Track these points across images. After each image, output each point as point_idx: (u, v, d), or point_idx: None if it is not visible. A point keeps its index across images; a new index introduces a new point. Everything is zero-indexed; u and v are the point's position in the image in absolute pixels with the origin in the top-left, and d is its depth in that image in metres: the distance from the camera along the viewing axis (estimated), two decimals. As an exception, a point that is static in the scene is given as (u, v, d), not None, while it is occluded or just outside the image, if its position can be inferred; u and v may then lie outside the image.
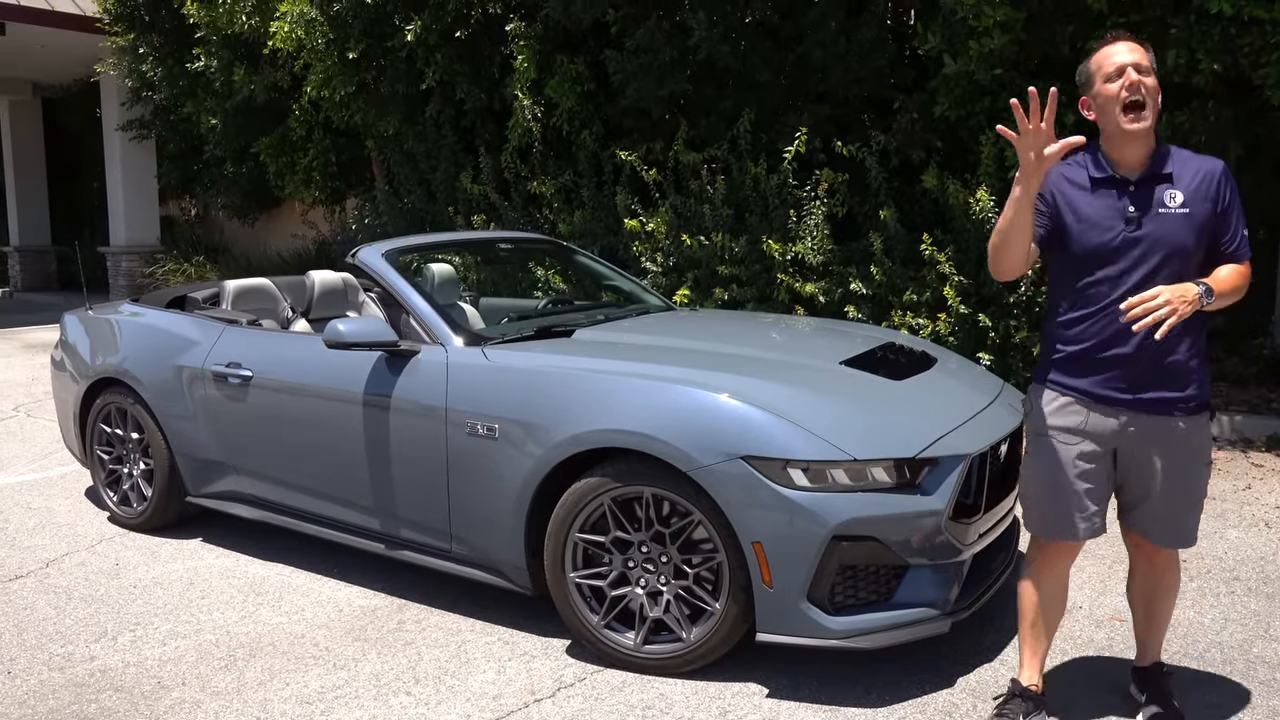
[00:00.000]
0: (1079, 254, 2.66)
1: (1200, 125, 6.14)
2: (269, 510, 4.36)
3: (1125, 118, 2.57)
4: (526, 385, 3.51)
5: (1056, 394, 2.75)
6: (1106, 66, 2.60)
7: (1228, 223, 2.65)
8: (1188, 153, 2.69)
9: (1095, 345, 2.66)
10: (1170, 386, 2.65)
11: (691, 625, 3.25)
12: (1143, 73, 2.57)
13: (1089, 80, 2.67)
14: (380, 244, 4.34)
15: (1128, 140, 2.61)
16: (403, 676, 3.33)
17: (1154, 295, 2.46)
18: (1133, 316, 2.46)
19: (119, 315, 5.08)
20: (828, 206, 7.25)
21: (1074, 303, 2.70)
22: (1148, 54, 2.63)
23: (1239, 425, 6.04)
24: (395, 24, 8.99)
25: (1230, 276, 2.63)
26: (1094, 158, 2.69)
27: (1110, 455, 2.72)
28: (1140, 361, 2.62)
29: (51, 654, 3.56)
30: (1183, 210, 2.59)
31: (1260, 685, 3.17)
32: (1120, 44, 2.63)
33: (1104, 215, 2.63)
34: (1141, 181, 2.62)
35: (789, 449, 3.04)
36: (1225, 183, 2.65)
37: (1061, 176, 2.71)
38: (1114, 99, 2.58)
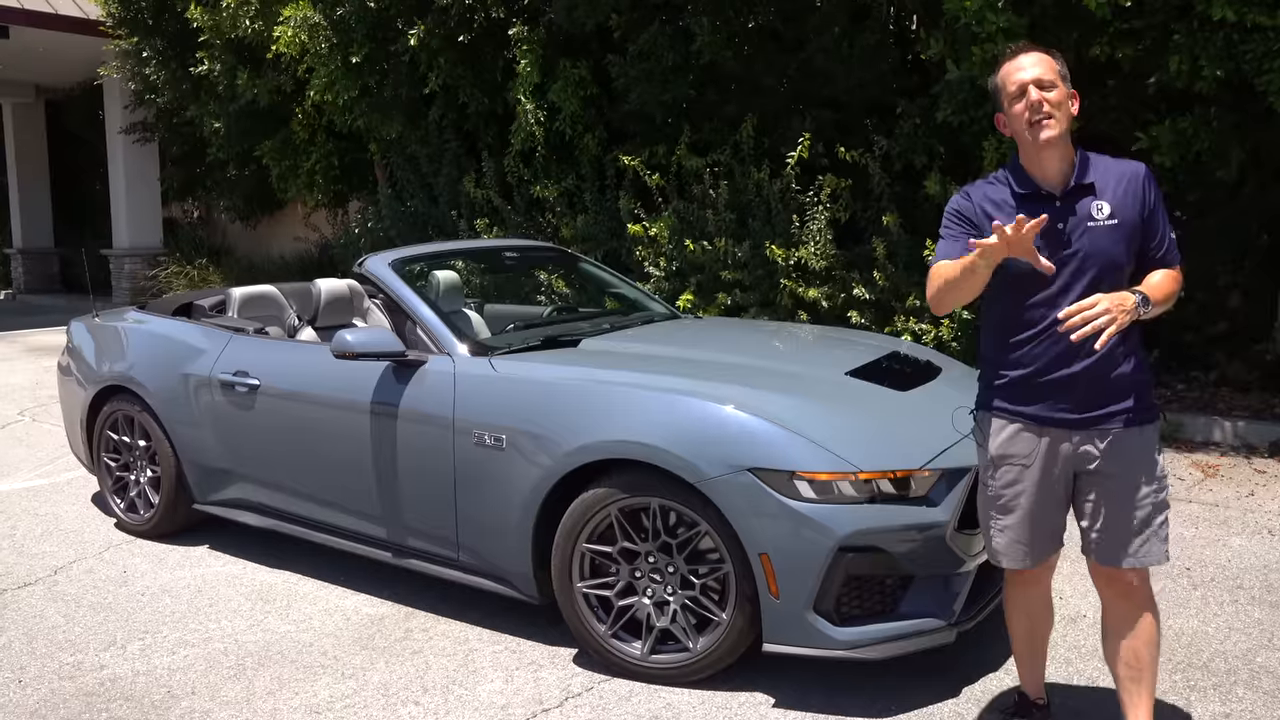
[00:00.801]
0: (1012, 276, 2.54)
1: (1203, 132, 6.15)
2: (276, 518, 4.38)
3: (1031, 129, 2.50)
4: (533, 396, 3.53)
5: (1006, 421, 2.64)
6: (1009, 86, 2.54)
7: (1154, 227, 2.56)
8: (1107, 159, 2.61)
9: (1039, 369, 2.57)
10: (1117, 399, 2.55)
11: (698, 635, 3.27)
12: (1045, 88, 2.49)
13: (998, 98, 2.61)
14: (387, 253, 4.36)
15: (1042, 150, 2.53)
16: (411, 686, 3.35)
17: (1092, 304, 2.38)
18: (1071, 325, 2.37)
19: (126, 323, 5.10)
20: (830, 211, 7.27)
21: (1012, 327, 2.60)
22: (1055, 63, 2.54)
23: (1241, 431, 6.06)
24: (398, 28, 9.02)
25: (1163, 283, 2.55)
26: (1015, 174, 2.61)
27: (1066, 479, 2.62)
28: (1087, 380, 2.53)
29: (61, 663, 3.58)
30: (1111, 222, 2.51)
31: (1265, 695, 3.19)
32: (1023, 57, 2.56)
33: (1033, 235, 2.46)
34: (1066, 195, 2.54)
35: (795, 461, 3.06)
36: (1149, 186, 2.56)
37: (986, 198, 2.63)
38: (1020, 118, 2.52)
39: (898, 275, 6.88)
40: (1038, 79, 2.50)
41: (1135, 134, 6.35)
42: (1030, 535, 2.65)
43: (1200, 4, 5.63)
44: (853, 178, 7.34)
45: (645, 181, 8.13)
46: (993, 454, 2.66)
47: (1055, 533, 2.70)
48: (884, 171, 7.19)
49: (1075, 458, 2.59)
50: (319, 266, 13.06)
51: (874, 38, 7.40)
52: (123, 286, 15.09)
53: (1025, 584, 2.80)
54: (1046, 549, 2.70)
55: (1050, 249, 2.50)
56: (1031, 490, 2.62)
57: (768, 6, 7.74)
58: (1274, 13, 5.50)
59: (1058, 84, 2.51)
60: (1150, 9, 5.95)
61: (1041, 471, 2.61)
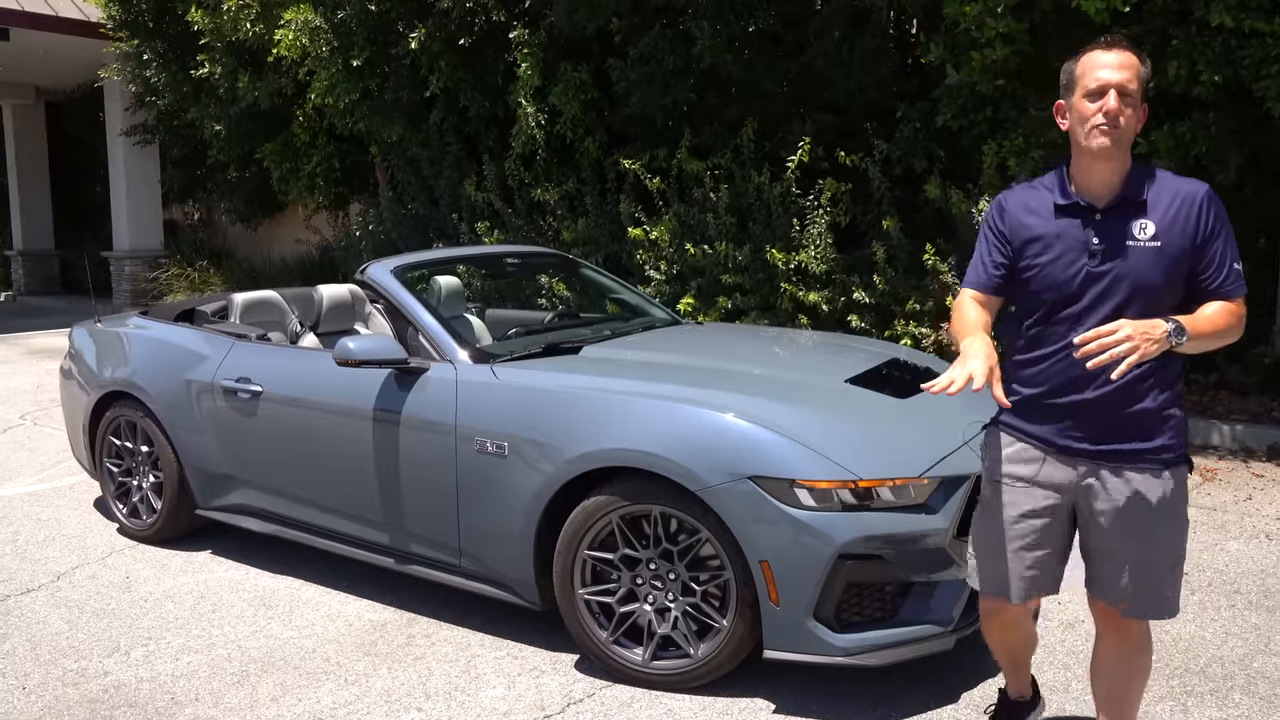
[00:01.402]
0: (1038, 289, 2.41)
1: (1201, 136, 6.17)
2: (278, 524, 4.40)
3: (1092, 135, 2.29)
4: (535, 404, 3.55)
5: (1013, 439, 2.50)
6: (1088, 81, 2.31)
7: (1208, 254, 2.33)
8: (1169, 175, 2.39)
9: (1052, 389, 2.42)
10: (1136, 437, 2.36)
11: (699, 642, 3.29)
12: (1126, 98, 2.28)
13: (1069, 85, 2.38)
14: (389, 260, 4.38)
15: (1096, 159, 2.33)
16: (413, 692, 3.37)
17: (1113, 330, 2.14)
18: (1087, 353, 2.15)
19: (128, 328, 5.12)
20: (831, 215, 7.30)
21: (1030, 342, 2.45)
22: (1141, 69, 2.31)
23: (1240, 435, 6.08)
24: (399, 31, 9.04)
25: (1216, 315, 2.31)
26: (1060, 181, 2.43)
27: (1068, 510, 2.46)
28: (1101, 409, 2.36)
29: (65, 669, 3.60)
30: (1153, 244, 2.30)
31: (1261, 701, 3.21)
32: (1112, 54, 2.30)
33: (1066, 248, 2.37)
34: (1109, 209, 2.35)
35: (796, 469, 3.08)
36: (1207, 209, 2.33)
37: (1024, 207, 2.46)
38: (1087, 120, 2.30)
39: (898, 279, 6.90)
40: (1122, 85, 2.27)
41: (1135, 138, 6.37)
42: (1020, 565, 2.48)
43: (1198, 9, 5.66)
44: (853, 182, 7.37)
45: (646, 185, 8.16)
46: (996, 473, 2.53)
47: (1048, 571, 2.50)
48: (884, 175, 7.21)
49: (1081, 490, 2.43)
50: (320, 269, 13.09)
51: (874, 42, 7.42)
52: (123, 288, 15.12)
53: (1004, 624, 2.64)
54: (1035, 587, 2.50)
55: (1080, 265, 2.35)
56: (1029, 515, 2.46)
57: (768, 10, 7.76)
58: (1271, 18, 5.52)
59: (1138, 98, 2.31)
60: (1149, 14, 5.98)
61: (1041, 497, 2.45)
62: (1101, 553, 2.43)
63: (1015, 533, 2.48)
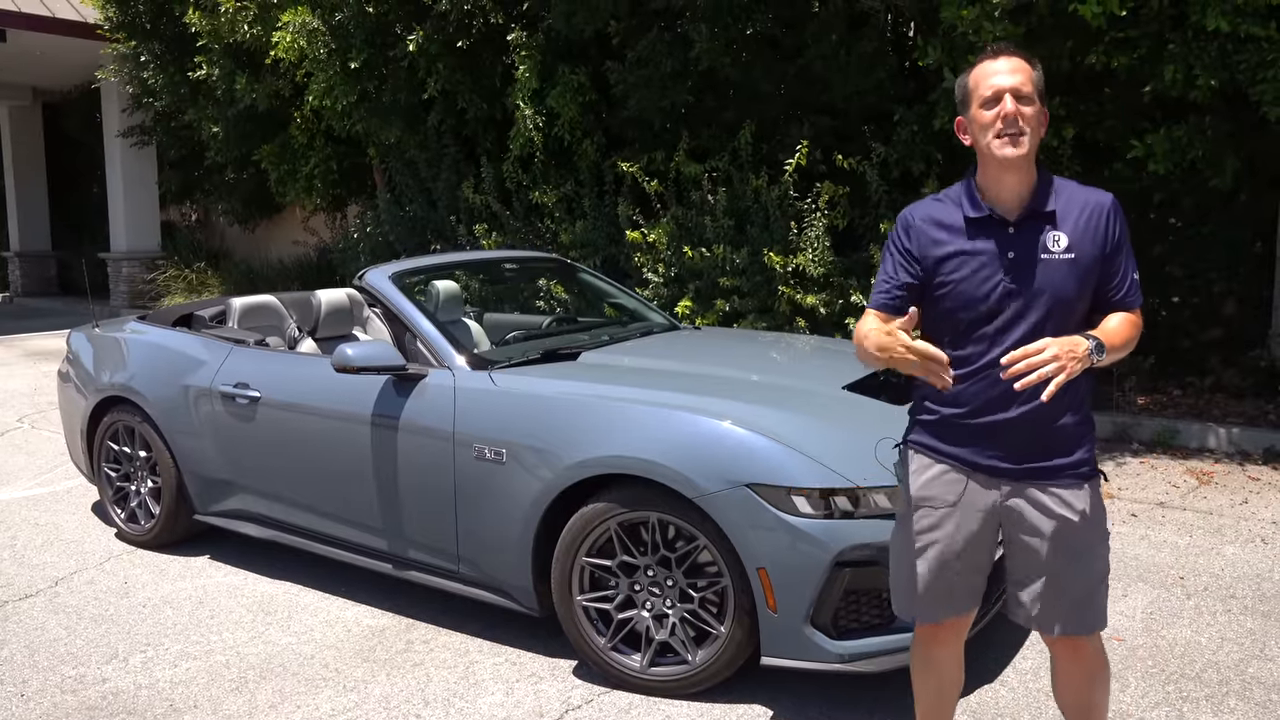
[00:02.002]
0: (953, 307, 2.33)
1: (1198, 140, 6.19)
2: (277, 529, 4.40)
3: (998, 142, 2.24)
4: (533, 410, 3.55)
5: (931, 460, 2.41)
6: (983, 89, 2.27)
7: (1116, 265, 2.32)
8: (1073, 185, 2.36)
9: (973, 410, 2.34)
10: (1058, 453, 2.31)
11: (697, 648, 3.30)
12: (1023, 100, 2.24)
13: (965, 100, 2.33)
14: (387, 266, 4.39)
15: (1004, 170, 2.28)
16: (412, 699, 3.38)
17: (1039, 349, 2.10)
18: (1014, 373, 2.10)
19: (126, 333, 5.12)
20: (828, 218, 7.31)
21: (961, 364, 2.33)
22: (1033, 72, 2.28)
23: (1236, 438, 6.10)
24: (397, 33, 9.05)
25: (1121, 328, 2.29)
26: (969, 193, 2.35)
27: (992, 532, 2.39)
28: (1023, 428, 2.30)
29: (64, 676, 3.60)
30: (1067, 256, 2.27)
31: (1256, 707, 3.22)
32: (1001, 61, 2.28)
33: (980, 264, 2.30)
34: (1021, 222, 2.29)
35: (793, 476, 3.09)
36: (1114, 219, 2.32)
37: (931, 221, 2.37)
38: (988, 127, 2.26)
39: (895, 282, 6.90)
40: (1016, 88, 2.24)
41: (1130, 142, 6.39)
42: (943, 588, 2.40)
43: (1195, 14, 5.67)
44: (850, 185, 7.38)
45: (644, 188, 8.16)
46: (913, 494, 2.43)
47: (972, 590, 2.44)
48: (881, 178, 7.22)
49: (1004, 511, 2.35)
50: (317, 270, 13.10)
51: (871, 45, 7.43)
52: (120, 290, 15.12)
53: (936, 643, 2.54)
54: (960, 606, 2.44)
55: (996, 280, 2.29)
56: (950, 539, 2.38)
57: (766, 13, 7.77)
58: (1268, 23, 5.54)
59: (1035, 99, 2.27)
60: (1145, 18, 5.99)
61: (963, 519, 2.37)
62: (1031, 575, 2.35)
63: (935, 555, 2.39)
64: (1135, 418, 6.45)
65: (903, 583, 2.48)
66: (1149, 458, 6.08)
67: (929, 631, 2.53)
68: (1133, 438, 6.40)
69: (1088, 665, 2.43)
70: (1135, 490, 5.47)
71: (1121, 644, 3.66)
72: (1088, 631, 2.37)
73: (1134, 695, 3.30)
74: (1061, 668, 2.47)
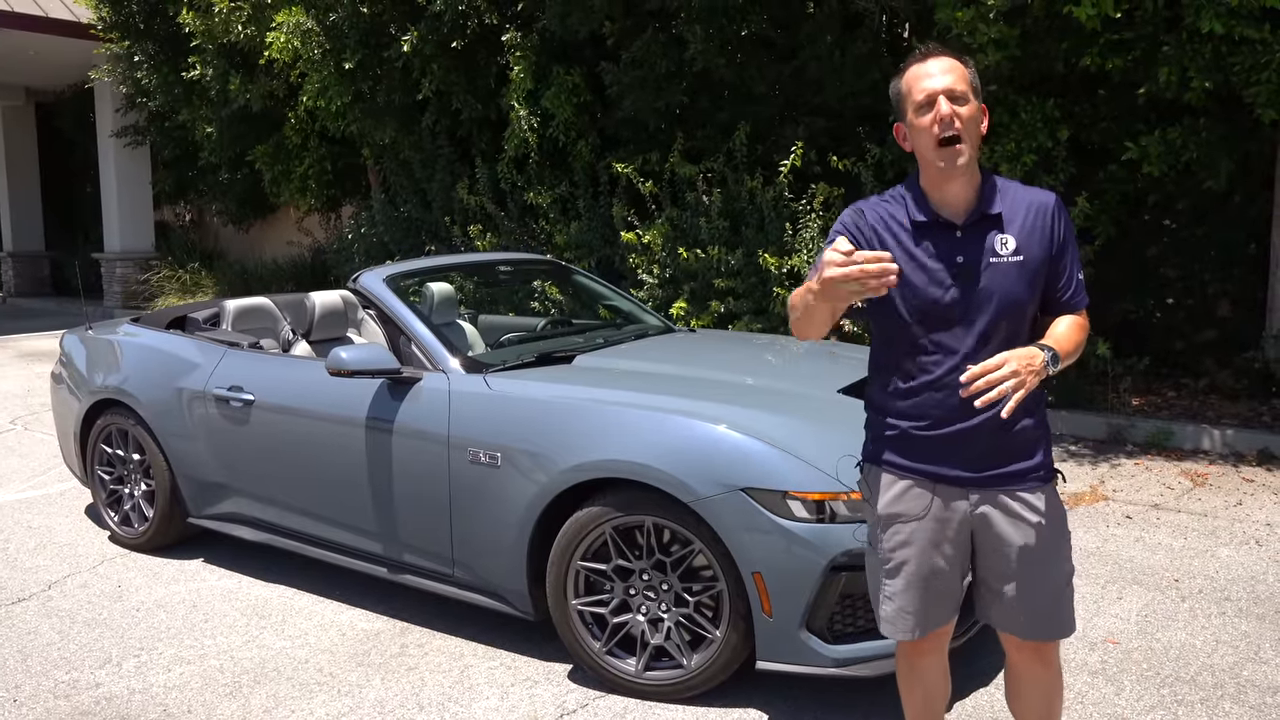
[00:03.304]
0: (902, 316, 2.28)
1: (1192, 141, 6.20)
2: (271, 532, 4.39)
3: (939, 153, 2.19)
4: (528, 414, 3.55)
5: (895, 476, 2.36)
6: (916, 94, 2.20)
7: (1062, 266, 2.30)
8: (1016, 185, 2.33)
9: (934, 420, 2.30)
10: (1020, 458, 2.30)
11: (692, 652, 3.29)
12: (958, 100, 2.18)
13: (900, 106, 2.27)
14: (381, 269, 4.38)
15: (946, 175, 2.22)
16: (407, 703, 3.37)
17: (998, 364, 2.09)
18: (975, 390, 2.09)
19: (119, 336, 5.10)
20: (823, 220, 7.31)
21: (905, 372, 2.32)
22: (967, 72, 2.22)
23: (1230, 439, 6.11)
24: (391, 34, 9.03)
25: (1071, 332, 2.29)
26: (914, 196, 2.30)
27: (963, 541, 2.35)
28: (985, 435, 2.27)
29: (57, 681, 3.59)
30: (1016, 258, 2.24)
31: (1251, 709, 3.22)
32: (931, 63, 2.21)
33: (930, 269, 2.25)
34: (969, 226, 2.25)
35: (788, 481, 3.09)
36: (1059, 219, 2.29)
37: (881, 220, 2.31)
38: (925, 132, 2.20)
39: (890, 284, 6.91)
40: (949, 89, 2.17)
41: (1125, 144, 6.40)
42: (921, 602, 2.37)
43: (1189, 16, 5.68)
44: (845, 186, 7.39)
45: (638, 188, 8.16)
46: (881, 512, 2.39)
47: (950, 600, 2.40)
48: (876, 180, 7.23)
49: (974, 519, 2.33)
50: (312, 271, 13.07)
51: (866, 46, 7.44)
52: (114, 290, 15.08)
53: (919, 654, 2.52)
54: (939, 617, 2.40)
55: (946, 286, 2.24)
56: (923, 553, 2.34)
57: (761, 15, 7.77)
58: (1261, 26, 5.55)
59: (970, 97, 2.20)
60: (1140, 21, 6.01)
61: (934, 533, 2.33)
62: (1002, 581, 2.33)
63: (909, 571, 2.36)
64: (1130, 419, 6.46)
65: (878, 599, 2.45)
66: (1144, 459, 6.09)
67: (911, 644, 2.50)
68: (1127, 439, 6.41)
69: (1050, 673, 2.42)
70: (1130, 492, 5.48)
71: (1116, 646, 3.67)
72: (1057, 636, 2.36)
73: (1129, 698, 3.30)
74: (1024, 676, 2.46)
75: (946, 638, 2.52)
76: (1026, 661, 2.43)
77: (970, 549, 2.38)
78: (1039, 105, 6.55)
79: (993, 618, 2.40)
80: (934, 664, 2.55)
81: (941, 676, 2.58)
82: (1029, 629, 2.35)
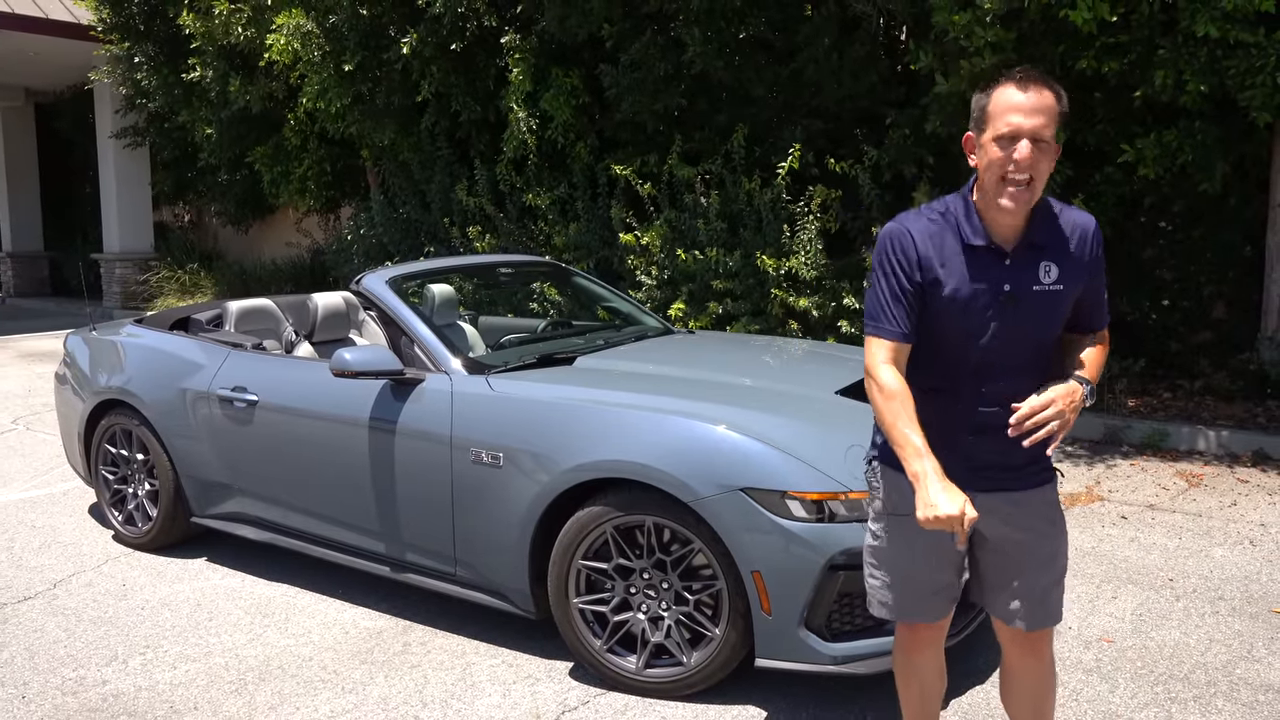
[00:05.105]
0: (942, 336, 2.30)
1: (1187, 144, 6.25)
2: (274, 532, 4.43)
3: (1005, 192, 2.16)
4: (530, 415, 3.59)
5: (900, 474, 2.32)
6: (1000, 124, 2.14)
7: (1098, 291, 2.33)
8: (1061, 206, 2.30)
9: (947, 429, 2.32)
10: (1020, 456, 2.31)
11: (692, 650, 3.33)
12: (1042, 145, 2.12)
13: (980, 121, 2.22)
14: (384, 271, 4.41)
15: (1003, 211, 2.20)
16: (410, 700, 3.41)
17: (1044, 405, 2.15)
18: (1022, 430, 2.16)
19: (123, 337, 5.13)
20: (821, 222, 7.36)
21: (930, 382, 2.33)
22: (1057, 108, 2.15)
23: (1225, 440, 6.15)
24: (391, 36, 9.07)
25: (1098, 358, 2.34)
26: (968, 216, 2.26)
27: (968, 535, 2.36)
28: (995, 444, 2.31)
29: (64, 678, 3.63)
30: (1057, 287, 2.24)
31: (1243, 707, 3.27)
32: (1031, 94, 2.13)
33: (977, 293, 2.24)
34: (1017, 252, 2.24)
35: (787, 481, 3.13)
36: (1096, 243, 2.29)
37: (935, 247, 2.27)
38: (998, 165, 2.16)
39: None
40: (1036, 132, 2.12)
41: (1121, 146, 6.45)
42: (919, 592, 2.45)
43: (1184, 20, 5.73)
44: (843, 188, 7.43)
45: (637, 190, 8.20)
46: (885, 507, 2.45)
47: (947, 595, 2.47)
48: (874, 182, 7.27)
49: (980, 517, 2.36)
50: (310, 272, 13.11)
51: (864, 49, 7.48)
52: (114, 291, 15.11)
53: (916, 649, 2.58)
54: (936, 611, 2.47)
55: (990, 312, 2.25)
56: (924, 547, 2.40)
57: (759, 17, 7.82)
58: (1256, 29, 5.60)
59: (1053, 142, 2.15)
60: (1136, 24, 6.05)
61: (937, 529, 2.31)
62: (1003, 576, 2.39)
63: (910, 562, 2.42)
64: (1125, 420, 6.50)
65: (883, 587, 2.50)
66: (1139, 460, 6.14)
67: (908, 638, 2.57)
68: (1123, 440, 6.45)
69: (1043, 666, 2.47)
70: (1125, 493, 5.53)
71: (1111, 645, 3.71)
72: (1048, 624, 2.41)
73: (1123, 696, 3.34)
74: (1017, 671, 2.51)
75: (943, 632, 2.58)
76: (1020, 655, 2.48)
77: (969, 544, 2.44)
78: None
79: (991, 605, 2.46)
80: (930, 660, 2.60)
81: (938, 673, 2.64)
82: (1023, 619, 2.40)
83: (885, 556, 2.47)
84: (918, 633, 2.54)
